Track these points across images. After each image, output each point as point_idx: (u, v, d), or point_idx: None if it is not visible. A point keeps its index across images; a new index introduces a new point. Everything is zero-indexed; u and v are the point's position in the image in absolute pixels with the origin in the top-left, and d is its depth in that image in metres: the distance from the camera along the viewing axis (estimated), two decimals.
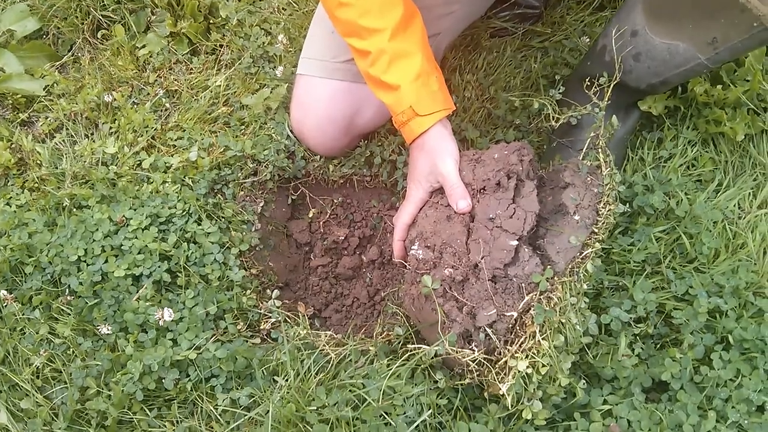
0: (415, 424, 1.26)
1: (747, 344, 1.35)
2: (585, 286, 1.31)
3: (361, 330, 1.64)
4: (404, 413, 1.29)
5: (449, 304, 1.25)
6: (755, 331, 1.35)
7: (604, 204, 1.34)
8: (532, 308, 1.23)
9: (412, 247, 1.34)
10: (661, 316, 1.44)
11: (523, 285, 1.24)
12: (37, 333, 1.49)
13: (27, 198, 1.73)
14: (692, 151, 1.69)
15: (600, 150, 1.40)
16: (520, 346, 1.21)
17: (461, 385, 1.32)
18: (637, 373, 1.36)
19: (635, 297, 1.42)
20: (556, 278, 1.26)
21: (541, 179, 1.41)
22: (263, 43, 1.96)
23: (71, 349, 1.47)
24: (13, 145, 1.85)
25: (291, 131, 1.73)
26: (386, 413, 1.30)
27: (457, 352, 1.22)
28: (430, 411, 1.28)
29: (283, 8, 2.06)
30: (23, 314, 1.52)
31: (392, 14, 1.33)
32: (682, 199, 1.57)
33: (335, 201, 1.82)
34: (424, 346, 1.29)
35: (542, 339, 1.20)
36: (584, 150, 1.41)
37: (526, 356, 1.20)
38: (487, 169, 1.33)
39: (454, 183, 1.34)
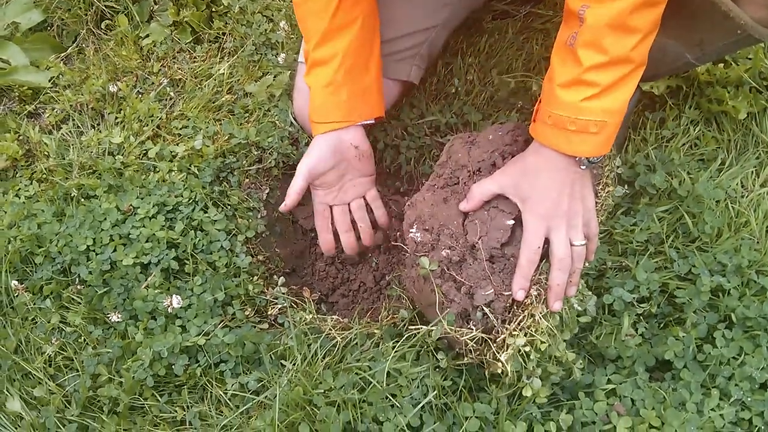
0: (420, 405, 1.28)
1: (750, 322, 1.36)
2: (587, 265, 1.32)
3: (367, 314, 1.65)
4: (410, 395, 1.31)
5: (447, 284, 1.26)
6: (758, 310, 1.36)
7: (603, 186, 1.35)
8: (532, 289, 1.24)
9: (411, 230, 1.35)
10: (664, 295, 1.45)
11: (513, 260, 1.25)
12: (48, 322, 1.51)
13: (35, 189, 1.75)
14: (695, 131, 1.70)
15: None
16: (518, 324, 1.22)
17: (463, 365, 1.33)
18: (641, 352, 1.37)
19: (638, 277, 1.43)
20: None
21: None
22: (265, 30, 1.96)
23: (82, 337, 1.49)
24: (20, 137, 1.86)
25: (294, 119, 1.74)
26: (392, 395, 1.32)
27: (455, 332, 1.24)
28: (435, 392, 1.30)
29: None
30: (34, 304, 1.54)
31: (322, 18, 1.41)
32: (684, 179, 1.57)
33: None
34: (423, 327, 1.30)
35: (541, 317, 1.21)
36: None
37: (525, 334, 1.21)
38: (481, 150, 1.34)
39: (293, 184, 1.52)
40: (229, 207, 1.66)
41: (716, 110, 1.69)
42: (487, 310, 1.23)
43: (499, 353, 1.23)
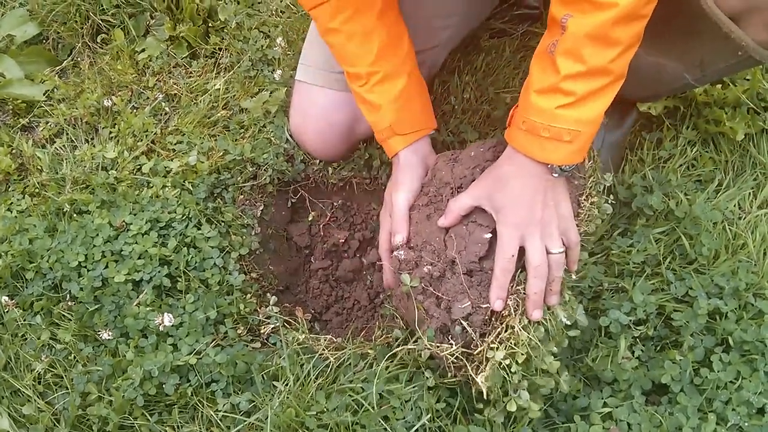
0: (414, 429, 1.26)
1: (747, 346, 1.35)
2: (573, 276, 1.31)
3: (361, 333, 1.64)
4: (403, 418, 1.29)
5: (429, 300, 1.26)
6: (755, 333, 1.35)
7: (586, 196, 1.34)
8: (509, 299, 1.23)
9: (396, 249, 1.35)
10: (661, 318, 1.44)
11: (486, 267, 1.25)
12: (38, 339, 1.49)
13: (28, 203, 1.74)
14: (692, 151, 1.69)
15: None
16: (497, 336, 1.22)
17: (451, 384, 1.32)
18: (637, 375, 1.36)
19: (635, 299, 1.42)
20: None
21: None
22: (262, 46, 1.96)
23: (72, 355, 1.47)
24: (13, 151, 1.85)
25: (290, 135, 1.73)
26: (385, 418, 1.30)
27: (435, 347, 1.24)
28: (429, 415, 1.28)
29: (281, 11, 2.06)
30: (24, 320, 1.52)
31: (375, 39, 1.36)
32: (681, 200, 1.56)
33: (335, 204, 1.82)
34: (408, 346, 1.30)
35: (521, 329, 1.20)
36: None
37: (505, 347, 1.20)
38: (464, 167, 1.34)
39: (397, 216, 1.37)
40: (222, 224, 1.65)
41: (714, 131, 1.69)
42: (465, 323, 1.22)
43: (474, 372, 1.22)
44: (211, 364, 1.40)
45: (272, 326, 1.52)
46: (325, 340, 1.49)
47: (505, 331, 1.21)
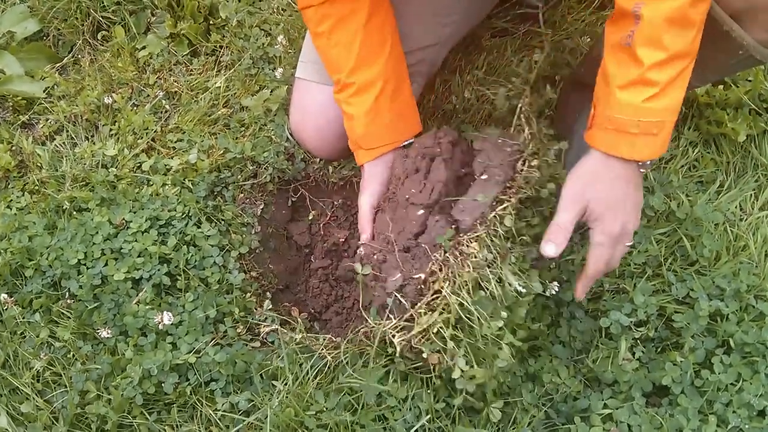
0: (414, 429, 1.26)
1: (748, 348, 1.35)
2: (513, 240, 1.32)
3: (360, 332, 1.63)
4: (402, 418, 1.29)
5: (376, 284, 1.32)
6: (756, 335, 1.35)
7: (523, 161, 1.36)
8: (440, 267, 1.26)
9: (359, 248, 1.42)
10: (662, 319, 1.43)
11: (428, 248, 1.28)
12: (37, 336, 1.49)
13: (27, 201, 1.73)
14: (693, 152, 1.69)
15: (521, 114, 1.45)
16: (427, 303, 1.25)
17: (415, 368, 1.34)
18: (638, 377, 1.35)
19: (636, 300, 1.42)
20: (464, 236, 1.28)
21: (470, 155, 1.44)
22: (263, 44, 1.95)
23: (71, 353, 1.47)
24: (13, 148, 1.85)
25: (290, 133, 1.73)
26: (384, 417, 1.30)
27: (377, 324, 1.29)
28: (428, 416, 1.28)
29: (282, 9, 2.05)
30: (23, 318, 1.52)
31: (355, 48, 1.39)
32: (683, 201, 1.56)
33: (335, 203, 1.82)
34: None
35: (450, 293, 1.22)
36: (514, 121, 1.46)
37: (433, 310, 1.23)
38: (410, 159, 1.40)
39: (360, 218, 1.45)
40: (222, 222, 1.64)
41: (715, 132, 1.69)
42: (398, 295, 1.26)
43: (420, 343, 1.25)
44: (210, 363, 1.40)
45: (269, 328, 1.52)
46: (323, 339, 1.49)
47: (435, 296, 1.25)
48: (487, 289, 1.24)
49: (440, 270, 1.25)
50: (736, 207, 1.61)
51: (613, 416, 1.32)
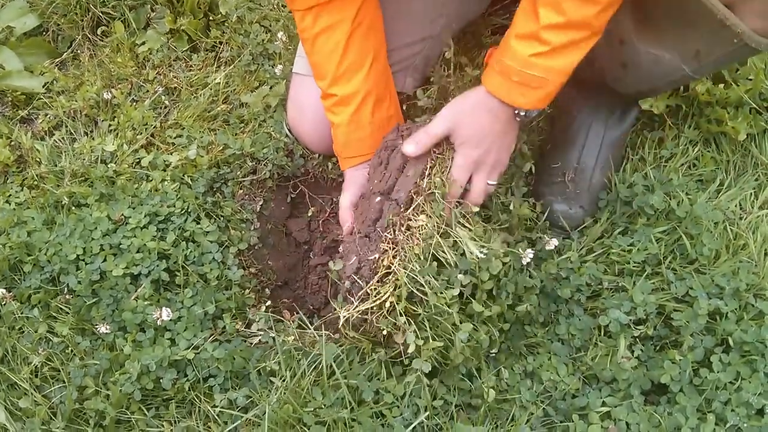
0: (412, 426, 1.26)
1: (747, 347, 1.34)
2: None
3: (360, 329, 1.63)
4: (400, 415, 1.29)
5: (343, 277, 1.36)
6: (755, 334, 1.34)
7: (437, 170, 1.39)
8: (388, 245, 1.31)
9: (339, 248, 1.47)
10: (661, 317, 1.43)
11: (380, 229, 1.33)
12: (35, 332, 1.49)
13: (26, 196, 1.73)
14: (693, 151, 1.68)
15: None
16: (380, 281, 1.29)
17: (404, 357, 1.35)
18: (637, 375, 1.35)
19: (635, 298, 1.41)
20: (409, 210, 1.32)
21: None
22: (263, 40, 1.95)
23: (70, 348, 1.47)
24: (12, 143, 1.84)
25: (288, 129, 1.73)
26: (382, 414, 1.30)
27: (340, 309, 1.33)
28: (426, 413, 1.28)
29: (282, 5, 2.05)
30: (22, 313, 1.51)
31: (334, 59, 1.44)
32: (682, 200, 1.56)
33: (334, 199, 1.81)
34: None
35: (399, 267, 1.26)
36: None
37: (383, 284, 1.28)
38: (377, 153, 1.44)
39: (340, 213, 1.52)
40: (222, 218, 1.64)
41: (715, 131, 1.68)
42: (356, 278, 1.31)
43: (378, 322, 1.29)
44: (208, 359, 1.39)
45: (259, 327, 1.52)
46: (322, 335, 1.48)
47: (386, 274, 1.29)
48: (444, 258, 1.29)
49: (391, 247, 1.30)
50: (735, 206, 1.61)
51: (612, 414, 1.32)
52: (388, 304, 1.27)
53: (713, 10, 1.20)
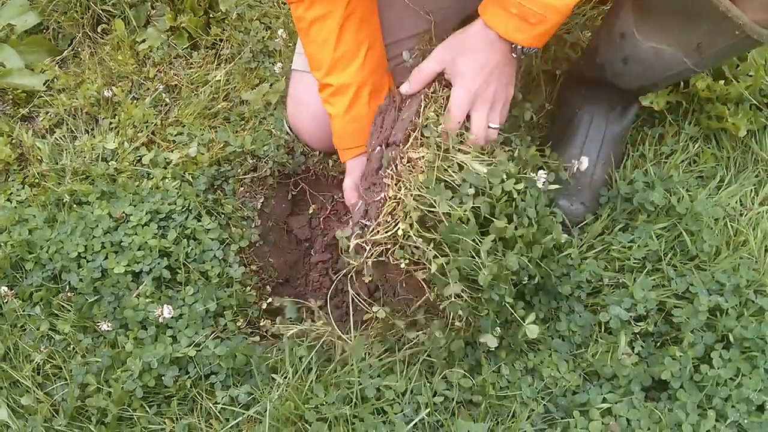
0: (413, 423, 1.27)
1: (747, 343, 1.35)
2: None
3: (362, 326, 1.63)
4: (402, 411, 1.29)
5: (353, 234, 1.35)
6: (756, 330, 1.34)
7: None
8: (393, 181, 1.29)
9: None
10: (662, 314, 1.43)
11: (382, 173, 1.32)
12: (37, 329, 1.49)
13: (27, 194, 1.73)
14: (694, 147, 1.69)
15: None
16: (389, 214, 1.27)
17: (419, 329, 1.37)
18: (637, 371, 1.35)
19: (635, 295, 1.42)
20: (407, 145, 1.31)
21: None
22: (263, 37, 1.95)
23: (71, 346, 1.47)
24: (13, 141, 1.84)
25: (289, 126, 1.73)
26: (383, 410, 1.30)
27: (354, 259, 1.32)
28: (427, 410, 1.28)
29: (282, 2, 2.05)
30: (24, 310, 1.52)
31: (329, 49, 1.43)
32: (683, 196, 1.56)
33: (335, 197, 1.82)
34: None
35: (406, 195, 1.24)
36: None
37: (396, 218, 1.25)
38: (373, 123, 1.45)
39: (346, 196, 1.51)
40: (222, 216, 1.64)
41: (716, 127, 1.68)
42: (364, 221, 1.29)
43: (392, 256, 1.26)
44: (210, 356, 1.40)
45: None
46: (325, 332, 1.49)
47: (394, 207, 1.27)
48: (451, 180, 1.26)
49: (395, 181, 1.28)
50: (736, 202, 1.61)
51: (612, 410, 1.32)
52: (400, 233, 1.23)
53: (715, 2, 1.20)
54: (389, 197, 1.27)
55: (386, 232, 1.24)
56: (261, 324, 1.55)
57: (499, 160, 1.29)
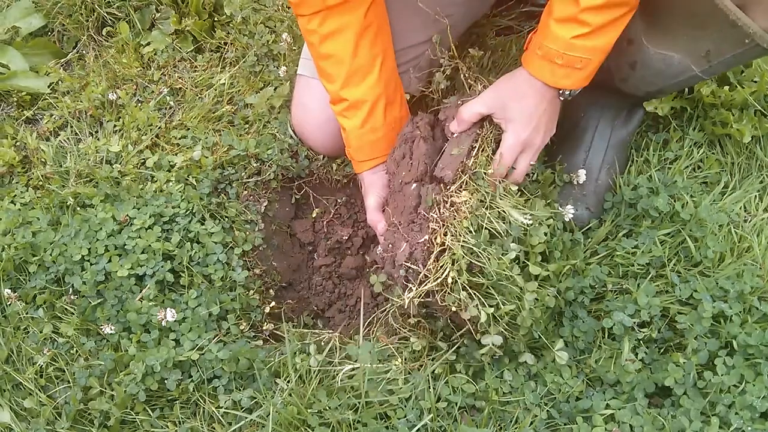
0: (416, 429, 1.26)
1: (751, 350, 1.34)
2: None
3: (365, 330, 1.63)
4: (405, 416, 1.29)
5: (393, 270, 1.33)
6: (760, 337, 1.34)
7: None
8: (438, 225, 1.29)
9: (377, 247, 1.44)
10: (665, 320, 1.43)
11: (424, 212, 1.32)
12: (40, 332, 1.49)
13: (31, 196, 1.73)
14: (698, 153, 1.68)
15: (465, 75, 1.55)
16: (436, 260, 1.27)
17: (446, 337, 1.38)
18: (641, 377, 1.35)
19: (639, 301, 1.41)
20: (451, 187, 1.32)
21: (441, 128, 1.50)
22: (267, 41, 1.95)
23: (74, 349, 1.48)
24: (17, 143, 1.85)
25: (293, 131, 1.73)
26: (386, 415, 1.30)
27: (399, 298, 1.29)
28: (430, 415, 1.28)
29: (287, 6, 2.05)
30: (27, 313, 1.52)
31: (345, 64, 1.42)
32: (687, 202, 1.55)
33: (339, 200, 1.82)
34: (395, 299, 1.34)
35: (453, 242, 1.25)
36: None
37: (438, 261, 1.26)
38: (397, 149, 1.45)
39: (368, 216, 1.49)
40: (226, 219, 1.64)
41: (720, 133, 1.68)
42: (408, 264, 1.28)
43: (442, 300, 1.26)
44: (213, 360, 1.40)
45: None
46: (327, 336, 1.49)
47: (441, 252, 1.27)
48: (492, 229, 1.29)
49: (440, 225, 1.28)
50: (740, 208, 1.60)
51: (616, 417, 1.32)
52: (450, 280, 1.25)
53: (725, 10, 1.21)
54: (436, 243, 1.28)
55: (435, 280, 1.25)
56: (264, 327, 1.55)
57: (538, 215, 1.35)
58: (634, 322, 1.40)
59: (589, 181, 1.57)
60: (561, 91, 1.31)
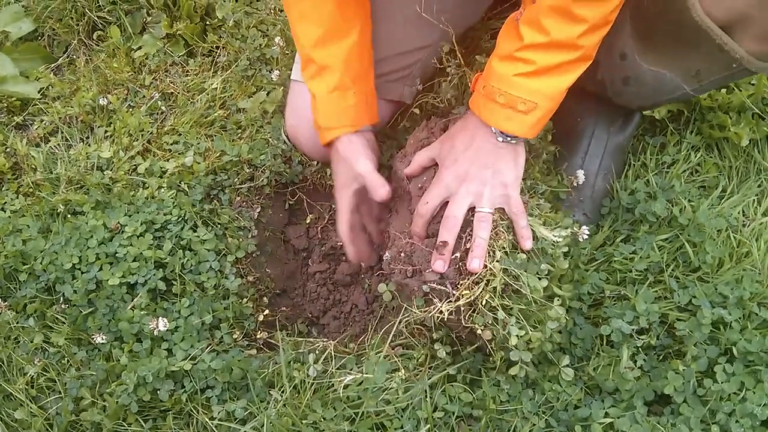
0: None
1: (751, 357, 1.33)
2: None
3: (359, 337, 1.62)
4: (401, 427, 1.28)
5: (411, 281, 1.29)
6: (760, 344, 1.33)
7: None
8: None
9: (384, 254, 1.41)
10: (664, 327, 1.42)
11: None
12: (31, 342, 1.48)
13: (21, 203, 1.71)
14: (696, 157, 1.67)
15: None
16: (469, 279, 1.25)
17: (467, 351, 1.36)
18: (640, 385, 1.34)
19: (637, 307, 1.40)
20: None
21: None
22: (260, 45, 1.93)
23: (66, 359, 1.46)
24: (7, 149, 1.83)
25: (286, 136, 1.71)
26: (383, 425, 1.29)
27: (424, 312, 1.26)
28: (428, 426, 1.27)
29: (280, 10, 2.03)
30: (17, 322, 1.50)
31: (318, 26, 1.41)
32: (685, 207, 1.54)
33: (333, 206, 1.80)
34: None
35: (489, 262, 1.23)
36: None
37: (477, 283, 1.23)
38: (409, 155, 1.43)
39: (371, 178, 1.42)
40: (219, 226, 1.63)
41: (718, 136, 1.67)
42: (439, 284, 1.25)
43: (469, 320, 1.24)
44: (206, 369, 1.38)
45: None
46: (321, 343, 1.48)
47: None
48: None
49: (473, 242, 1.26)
50: (739, 213, 1.59)
51: (615, 425, 1.31)
52: (483, 302, 1.23)
53: (711, 34, 1.20)
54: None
55: (467, 300, 1.23)
56: (258, 336, 1.54)
57: (563, 234, 1.33)
58: (633, 329, 1.39)
59: (587, 187, 1.56)
60: (495, 131, 1.24)
